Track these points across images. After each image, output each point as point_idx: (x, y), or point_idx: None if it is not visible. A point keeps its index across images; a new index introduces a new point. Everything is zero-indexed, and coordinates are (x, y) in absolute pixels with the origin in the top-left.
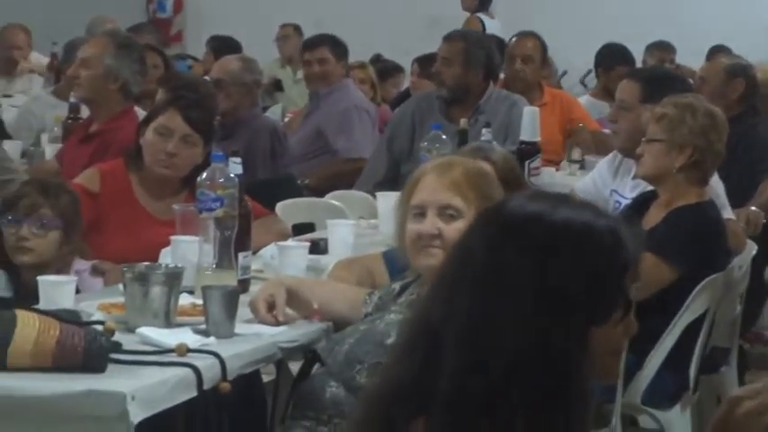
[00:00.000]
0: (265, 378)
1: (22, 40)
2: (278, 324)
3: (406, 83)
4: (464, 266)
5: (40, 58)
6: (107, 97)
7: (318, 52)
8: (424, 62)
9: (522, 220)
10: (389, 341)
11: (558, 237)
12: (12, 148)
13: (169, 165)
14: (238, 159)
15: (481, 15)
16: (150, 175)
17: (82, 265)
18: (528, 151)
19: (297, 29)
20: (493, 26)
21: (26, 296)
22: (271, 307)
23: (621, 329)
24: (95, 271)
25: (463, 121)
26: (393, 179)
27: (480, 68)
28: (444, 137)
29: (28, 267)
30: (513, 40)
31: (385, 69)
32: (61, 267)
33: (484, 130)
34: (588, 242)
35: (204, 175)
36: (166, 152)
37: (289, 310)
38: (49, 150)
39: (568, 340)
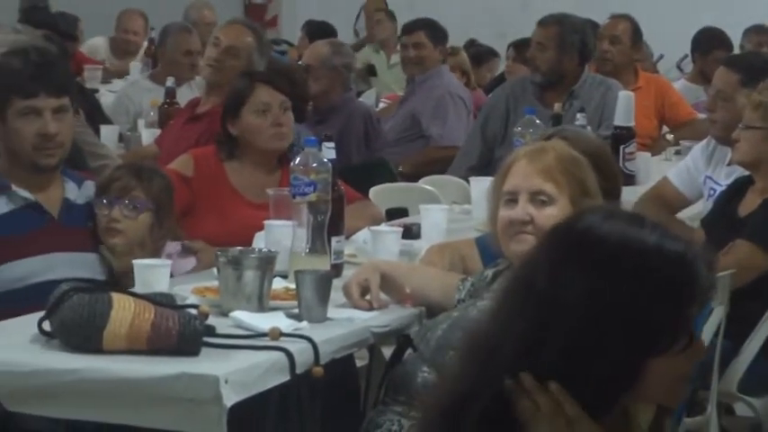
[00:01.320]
0: (358, 363)
1: (140, 25)
2: (371, 309)
3: (500, 67)
4: (528, 280)
5: None
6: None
7: (415, 36)
8: (520, 47)
9: (588, 239)
10: None
11: (622, 260)
12: (109, 132)
13: (280, 135)
14: (331, 144)
15: None
16: (245, 158)
17: (173, 247)
18: (623, 136)
19: (390, 13)
20: None
21: (120, 280)
22: (364, 291)
23: (688, 355)
24: (186, 250)
25: (557, 106)
26: (486, 164)
27: (575, 53)
28: (538, 122)
29: (120, 252)
30: (605, 21)
31: (480, 54)
32: (153, 251)
33: (578, 115)
34: (652, 269)
35: (297, 159)
36: (274, 124)
37: (382, 295)
38: (146, 135)
39: (615, 367)
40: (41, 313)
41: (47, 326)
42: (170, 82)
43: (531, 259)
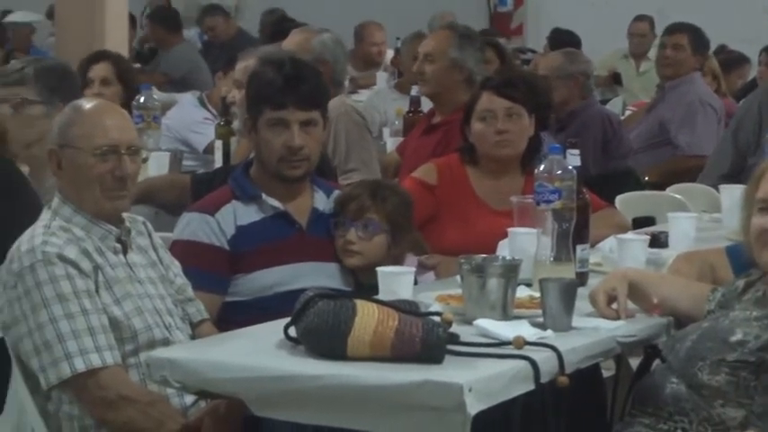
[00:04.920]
0: (605, 373)
1: (381, 36)
2: (617, 318)
3: (751, 73)
4: None
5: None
6: (452, 89)
7: (676, 37)
8: None
9: None
10: (734, 339)
11: None
12: None
13: (503, 143)
14: (576, 151)
15: None
16: (486, 165)
17: (411, 262)
18: None
19: (651, 22)
20: None
21: (363, 291)
22: (611, 300)
23: None
24: (422, 266)
25: None
26: (739, 172)
27: None
28: None
29: (359, 270)
30: None
31: (730, 60)
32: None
33: None
34: None
35: (542, 167)
36: (496, 131)
37: (629, 304)
38: (390, 143)
39: None
40: (288, 319)
41: (293, 332)
42: (414, 91)
43: None
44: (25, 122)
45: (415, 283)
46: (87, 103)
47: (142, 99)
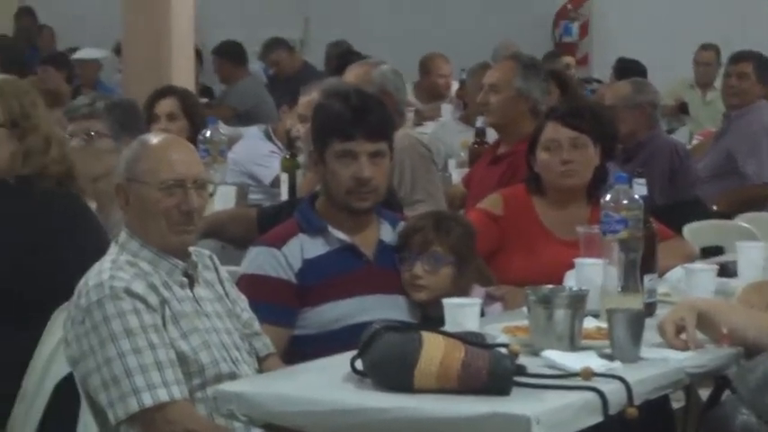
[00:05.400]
0: (674, 405)
1: (447, 68)
2: (686, 349)
3: None
4: None
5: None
6: (517, 120)
7: (741, 66)
8: None
9: None
10: None
11: None
12: None
13: (569, 173)
14: (642, 180)
15: None
16: (552, 195)
17: (478, 293)
18: None
19: (717, 51)
20: None
21: (430, 323)
22: (680, 330)
23: None
24: (490, 297)
25: None
26: None
27: None
28: None
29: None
30: None
31: None
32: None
33: None
34: None
35: (608, 196)
36: (561, 161)
37: (698, 334)
38: (456, 175)
39: None
40: (355, 352)
41: (359, 365)
42: (479, 122)
43: None
44: (94, 156)
45: (483, 314)
46: (154, 138)
47: (208, 133)
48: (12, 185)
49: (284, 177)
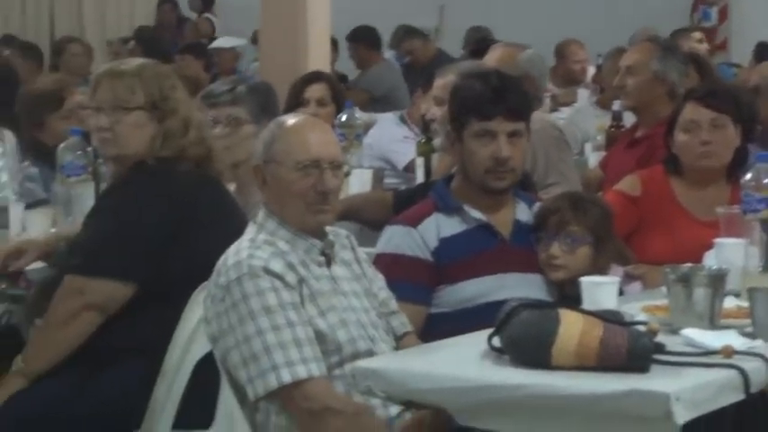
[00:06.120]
0: None
1: (583, 54)
2: None
3: None
4: None
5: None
6: (654, 102)
7: None
8: None
9: None
10: None
11: None
12: None
13: (708, 154)
14: None
15: None
16: (691, 176)
17: (616, 272)
18: None
19: None
20: None
21: (568, 302)
22: None
23: None
24: (628, 276)
25: None
26: None
27: None
28: None
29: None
30: None
31: None
32: None
33: None
34: None
35: (749, 176)
36: (701, 142)
37: None
38: (593, 159)
39: None
40: (492, 329)
41: (497, 342)
42: (616, 105)
43: None
44: (236, 143)
45: (622, 293)
46: (290, 119)
47: (344, 117)
48: (153, 166)
49: (420, 161)
